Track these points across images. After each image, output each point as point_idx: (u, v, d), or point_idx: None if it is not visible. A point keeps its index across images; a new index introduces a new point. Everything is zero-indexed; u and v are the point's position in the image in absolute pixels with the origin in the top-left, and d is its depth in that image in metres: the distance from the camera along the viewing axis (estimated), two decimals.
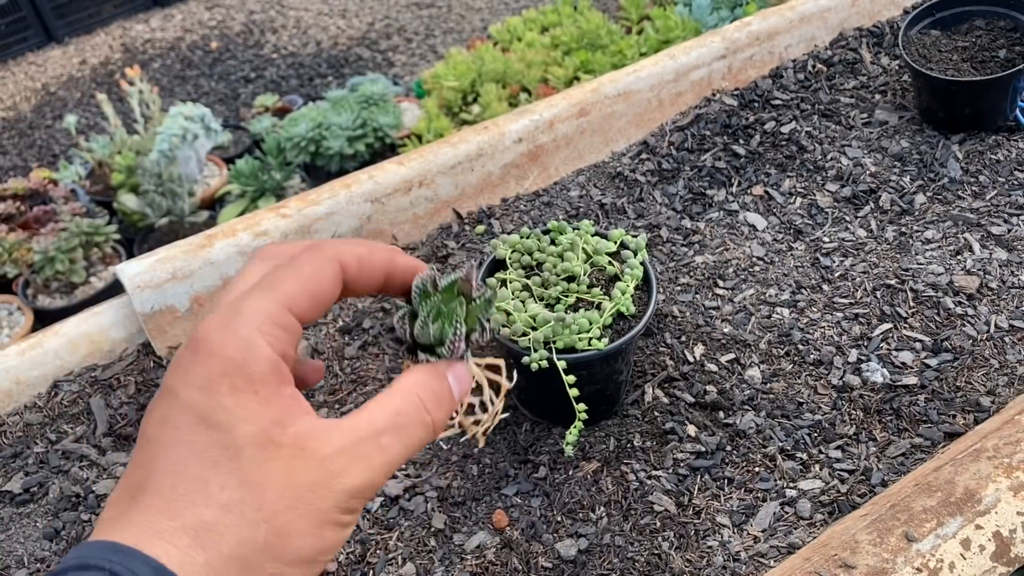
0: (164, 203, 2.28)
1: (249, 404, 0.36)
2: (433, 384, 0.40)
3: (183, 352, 0.37)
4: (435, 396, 0.40)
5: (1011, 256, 0.94)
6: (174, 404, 0.36)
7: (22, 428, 0.87)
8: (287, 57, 3.73)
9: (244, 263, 0.95)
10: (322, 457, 0.36)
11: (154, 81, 3.61)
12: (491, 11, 3.97)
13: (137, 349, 0.94)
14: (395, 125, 2.54)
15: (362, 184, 1.01)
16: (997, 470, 0.65)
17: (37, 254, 2.07)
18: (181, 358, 0.37)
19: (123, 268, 0.92)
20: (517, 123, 1.09)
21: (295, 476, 0.36)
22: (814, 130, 1.15)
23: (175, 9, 4.22)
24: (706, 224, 1.04)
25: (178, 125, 2.30)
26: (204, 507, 0.35)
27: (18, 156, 3.28)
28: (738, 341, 0.87)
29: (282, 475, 0.36)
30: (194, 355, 0.37)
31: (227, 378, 0.36)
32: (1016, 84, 1.06)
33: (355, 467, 0.37)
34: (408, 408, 0.39)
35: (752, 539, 0.70)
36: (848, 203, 1.05)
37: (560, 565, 0.70)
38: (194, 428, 0.36)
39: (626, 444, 0.79)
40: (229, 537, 0.34)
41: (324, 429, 0.37)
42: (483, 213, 1.06)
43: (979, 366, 0.82)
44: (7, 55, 3.89)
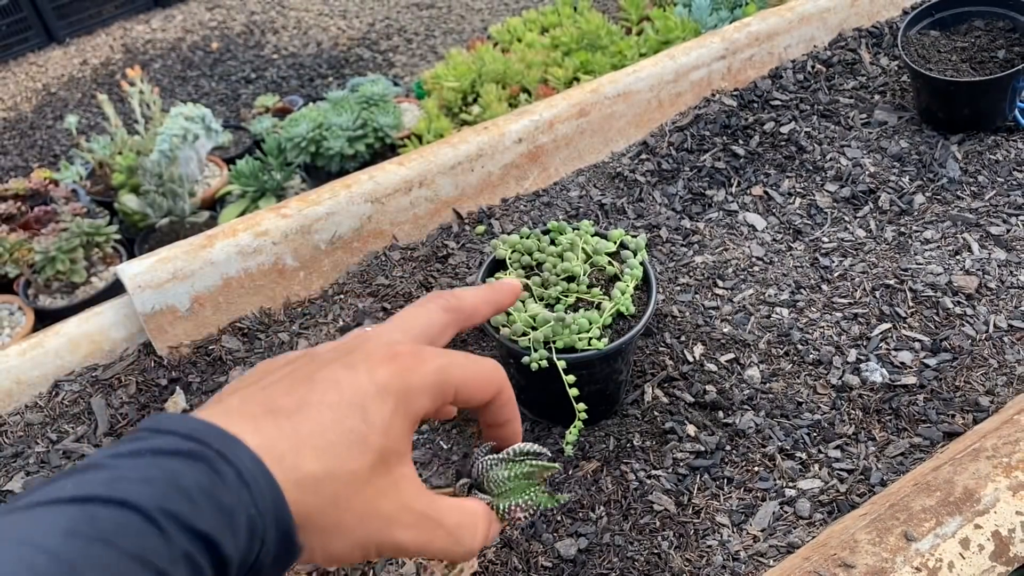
0: (165, 203, 2.28)
1: (396, 423, 0.42)
2: (487, 526, 0.47)
3: (376, 344, 0.45)
4: (482, 535, 0.47)
5: (1010, 256, 0.94)
6: (345, 373, 0.43)
7: (23, 428, 0.88)
8: (288, 58, 3.73)
9: (252, 263, 0.95)
10: (400, 504, 0.42)
11: (155, 81, 3.61)
12: (491, 12, 3.97)
13: (138, 349, 0.94)
14: (395, 125, 2.54)
15: (362, 184, 1.01)
16: (996, 470, 0.65)
17: (38, 254, 2.07)
18: (372, 349, 0.44)
19: (124, 268, 0.92)
20: (517, 123, 1.09)
21: (376, 493, 0.41)
22: (813, 130, 1.15)
23: (176, 10, 4.23)
24: (705, 224, 1.04)
25: (179, 125, 2.30)
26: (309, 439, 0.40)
27: (19, 156, 3.28)
28: (737, 341, 0.88)
29: (373, 482, 0.41)
30: (392, 357, 0.44)
31: (400, 394, 0.43)
32: (1015, 84, 1.06)
33: (410, 531, 0.43)
34: (465, 529, 0.46)
35: (751, 538, 0.71)
36: (847, 203, 1.05)
37: (560, 564, 0.70)
38: (346, 395, 0.41)
39: (626, 444, 0.79)
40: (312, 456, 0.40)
41: (418, 487, 0.44)
42: (483, 213, 1.06)
43: (978, 366, 0.83)
44: (8, 55, 3.89)
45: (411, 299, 0.97)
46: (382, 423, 0.41)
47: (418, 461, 0.80)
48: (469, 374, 0.46)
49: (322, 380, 0.42)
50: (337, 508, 0.40)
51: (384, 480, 0.42)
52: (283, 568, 0.39)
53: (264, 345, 0.93)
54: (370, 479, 0.41)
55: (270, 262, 0.97)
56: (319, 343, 0.93)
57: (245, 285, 0.96)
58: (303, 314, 0.97)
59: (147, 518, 0.34)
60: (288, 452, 0.39)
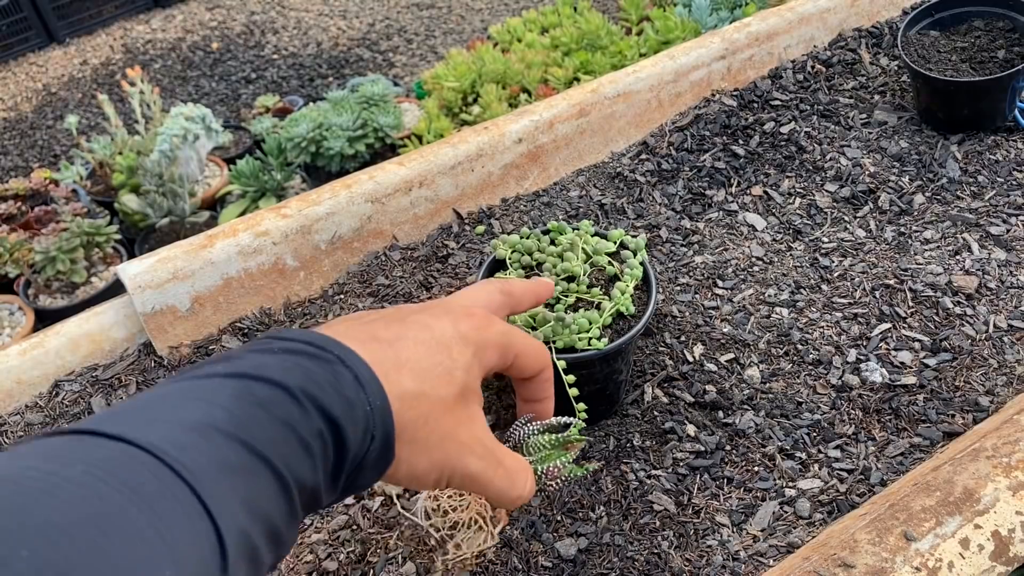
0: (165, 203, 2.28)
1: (474, 366, 0.50)
2: (531, 481, 0.54)
3: (462, 306, 0.53)
4: (530, 487, 0.53)
5: (1010, 256, 0.94)
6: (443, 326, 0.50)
7: (23, 428, 0.88)
8: (288, 58, 3.74)
9: (253, 263, 0.95)
10: (474, 435, 0.49)
11: (155, 82, 3.62)
12: (491, 12, 3.98)
13: (138, 349, 0.94)
14: (395, 126, 2.54)
15: (362, 184, 1.01)
16: (996, 469, 0.65)
17: (38, 254, 2.07)
18: (457, 308, 0.52)
19: (124, 268, 0.92)
20: (517, 123, 1.09)
21: (456, 422, 0.48)
22: (813, 130, 1.15)
23: (176, 10, 4.23)
24: (705, 224, 1.04)
25: (179, 125, 2.30)
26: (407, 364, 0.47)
27: (19, 156, 3.28)
28: (737, 341, 0.88)
29: (455, 411, 0.48)
30: (470, 315, 0.51)
31: (477, 344, 0.50)
32: (1015, 84, 1.06)
33: (480, 462, 0.49)
34: (519, 474, 0.52)
35: (751, 538, 0.71)
36: (847, 203, 1.05)
37: (560, 564, 0.70)
38: (435, 335, 0.49)
39: (625, 443, 0.79)
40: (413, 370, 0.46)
41: (486, 426, 0.52)
42: (483, 213, 1.06)
43: (978, 366, 0.83)
44: (8, 55, 3.90)
45: (411, 299, 0.97)
46: (464, 363, 0.48)
47: None
48: (528, 345, 0.54)
49: (414, 322, 0.48)
50: (427, 425, 0.45)
51: (463, 412, 0.48)
52: (378, 474, 0.45)
53: None
54: (453, 407, 0.47)
55: (270, 262, 0.97)
56: None
57: (245, 285, 0.96)
58: (303, 314, 0.97)
59: (291, 395, 0.40)
60: (391, 370, 0.44)
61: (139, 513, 0.31)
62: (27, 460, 0.33)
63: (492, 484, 0.50)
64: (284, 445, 0.38)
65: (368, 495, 0.78)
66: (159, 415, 0.37)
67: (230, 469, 0.36)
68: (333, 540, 0.74)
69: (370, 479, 0.45)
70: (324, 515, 0.77)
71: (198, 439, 0.36)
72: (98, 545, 0.29)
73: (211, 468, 0.35)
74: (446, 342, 0.48)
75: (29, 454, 0.33)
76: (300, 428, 0.39)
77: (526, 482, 0.53)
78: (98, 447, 0.34)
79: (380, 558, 0.73)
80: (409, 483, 0.48)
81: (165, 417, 0.37)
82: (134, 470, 0.33)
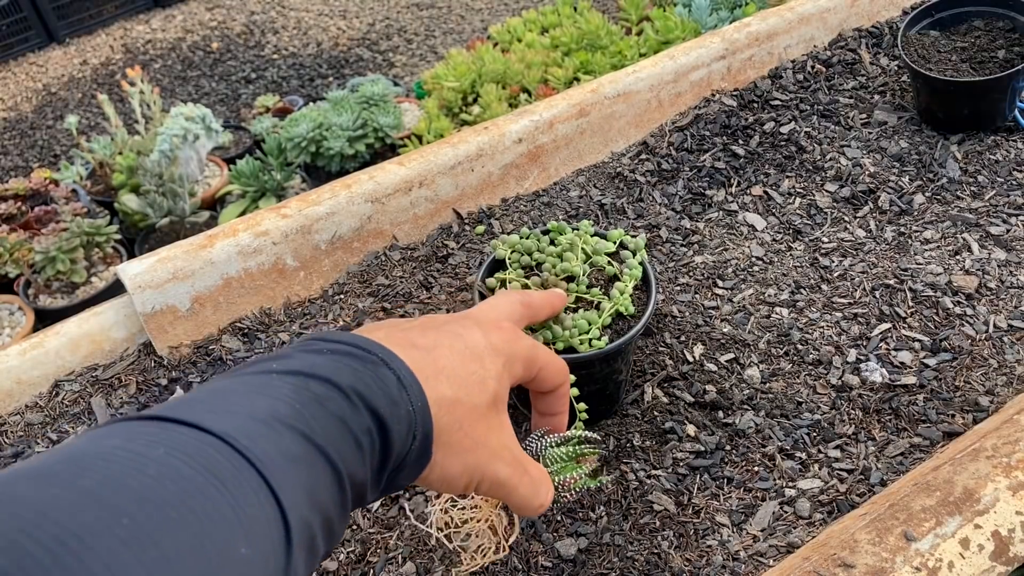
0: (165, 203, 2.28)
1: (504, 376, 0.51)
2: (550, 491, 0.56)
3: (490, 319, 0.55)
4: (549, 496, 0.55)
5: (1010, 256, 0.94)
6: (469, 326, 0.52)
7: (23, 428, 0.88)
8: (288, 58, 3.74)
9: (253, 263, 0.95)
10: (503, 443, 0.51)
11: (155, 82, 3.62)
12: (491, 12, 3.98)
13: (138, 349, 0.94)
14: (395, 126, 2.54)
15: (362, 184, 1.01)
16: (996, 469, 0.65)
17: (38, 254, 2.07)
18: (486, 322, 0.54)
19: (124, 268, 0.92)
20: (517, 123, 1.09)
21: (488, 428, 0.50)
22: (813, 130, 1.15)
23: (176, 10, 4.23)
24: (705, 224, 1.04)
25: (179, 125, 2.30)
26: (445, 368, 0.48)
27: (19, 156, 3.28)
28: (737, 341, 0.88)
29: (487, 417, 0.50)
30: (500, 327, 0.53)
31: (506, 356, 0.52)
32: (1015, 84, 1.06)
33: (507, 468, 0.50)
34: (542, 483, 0.54)
35: (751, 538, 0.71)
36: (847, 203, 1.05)
37: (560, 564, 0.70)
38: (469, 345, 0.51)
39: (626, 443, 0.79)
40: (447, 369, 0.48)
41: (514, 435, 0.53)
42: (483, 213, 1.06)
43: (978, 366, 0.83)
44: (8, 55, 3.90)
45: (411, 299, 0.97)
46: (496, 372, 0.50)
47: None
48: (551, 360, 0.57)
49: (447, 332, 0.50)
50: (461, 430, 0.47)
51: (494, 419, 0.50)
52: (416, 474, 0.46)
53: (264, 345, 0.93)
54: (485, 414, 0.49)
55: (270, 262, 0.97)
56: None
57: (245, 285, 0.96)
58: (303, 314, 0.97)
59: (344, 393, 0.42)
60: (430, 375, 0.46)
61: (218, 493, 0.34)
62: (112, 440, 0.35)
63: (517, 491, 0.52)
64: (340, 440, 0.40)
65: None
66: (229, 406, 0.39)
67: (294, 460, 0.38)
68: None
69: (408, 479, 0.46)
70: None
71: (266, 430, 0.38)
72: (185, 519, 0.32)
73: (278, 457, 0.37)
74: (479, 352, 0.50)
75: (112, 435, 0.36)
76: (352, 424, 0.41)
77: (548, 491, 0.55)
78: (177, 432, 0.36)
79: (380, 558, 0.73)
80: (440, 486, 0.49)
81: (235, 408, 0.38)
82: (211, 455, 0.35)
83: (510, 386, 0.53)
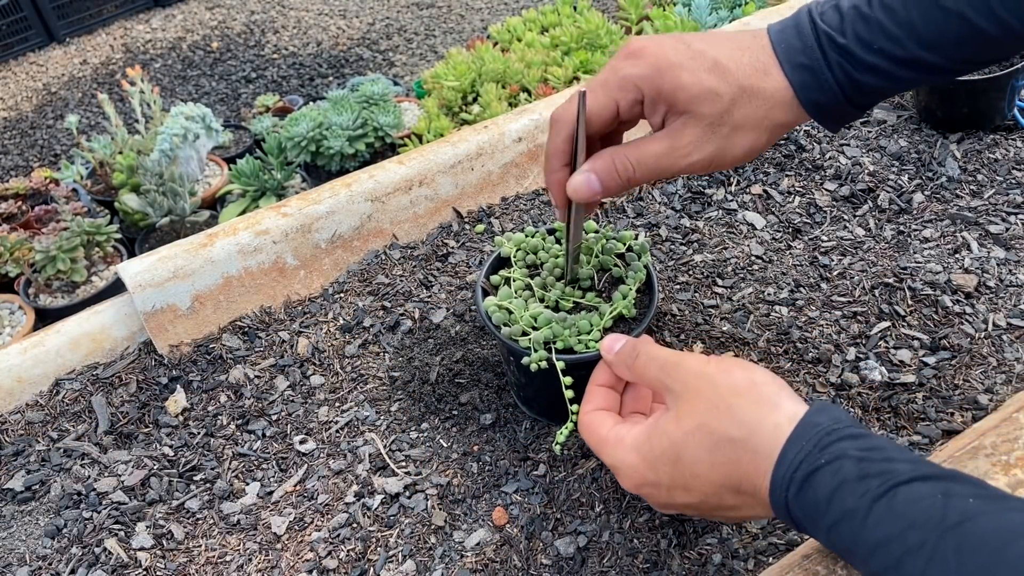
0: (165, 202, 2.28)
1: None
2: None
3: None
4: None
5: (1009, 255, 0.95)
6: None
7: (24, 426, 0.88)
8: (288, 57, 3.74)
9: (253, 261, 0.95)
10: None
11: (155, 81, 3.62)
12: (491, 11, 3.98)
13: (138, 348, 0.94)
14: (395, 125, 2.55)
15: (363, 183, 1.02)
16: (995, 468, 0.65)
17: (39, 253, 2.07)
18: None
19: (124, 267, 0.92)
20: (517, 122, 1.09)
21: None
22: (813, 129, 1.15)
23: (176, 9, 4.23)
24: (705, 223, 1.04)
25: (179, 125, 2.30)
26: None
27: (20, 156, 3.28)
28: (737, 339, 0.88)
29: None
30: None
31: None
32: (1014, 83, 1.07)
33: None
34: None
35: (751, 536, 0.71)
36: (846, 202, 1.05)
37: (559, 562, 0.70)
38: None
39: None
40: None
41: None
42: (483, 212, 1.06)
43: (977, 364, 0.83)
44: (8, 55, 3.90)
45: (411, 298, 0.97)
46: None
47: (418, 460, 0.80)
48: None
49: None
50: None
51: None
52: None
53: (264, 343, 0.94)
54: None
55: (270, 261, 0.97)
56: (319, 341, 0.93)
57: (246, 284, 0.96)
58: (303, 313, 0.97)
59: None
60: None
61: None
62: None
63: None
64: None
65: (368, 493, 0.78)
66: None
67: None
68: (333, 538, 0.75)
69: None
70: (324, 514, 0.77)
71: None
72: None
73: None
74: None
75: None
76: None
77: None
78: None
79: (380, 556, 0.73)
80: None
81: None
82: None
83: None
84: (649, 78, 0.62)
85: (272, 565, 0.73)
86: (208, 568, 0.74)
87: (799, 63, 0.62)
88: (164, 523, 0.78)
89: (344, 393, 0.88)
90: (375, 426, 0.84)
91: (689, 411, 0.55)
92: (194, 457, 0.83)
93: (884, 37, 0.60)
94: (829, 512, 0.47)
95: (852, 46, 0.60)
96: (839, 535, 0.47)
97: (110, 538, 0.77)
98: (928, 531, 0.43)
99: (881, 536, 0.44)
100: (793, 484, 0.49)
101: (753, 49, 0.63)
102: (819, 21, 0.62)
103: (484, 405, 0.84)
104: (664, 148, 0.63)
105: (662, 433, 0.56)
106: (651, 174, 0.64)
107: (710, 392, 0.55)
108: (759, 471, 0.51)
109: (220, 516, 0.78)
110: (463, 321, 0.93)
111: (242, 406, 0.87)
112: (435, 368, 0.87)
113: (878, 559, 0.45)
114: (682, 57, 0.61)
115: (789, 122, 0.63)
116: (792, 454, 0.50)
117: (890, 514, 0.45)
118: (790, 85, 0.62)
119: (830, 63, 0.61)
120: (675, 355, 0.59)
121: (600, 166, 0.64)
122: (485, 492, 0.77)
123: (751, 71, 0.62)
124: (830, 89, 0.62)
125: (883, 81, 0.61)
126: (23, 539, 0.78)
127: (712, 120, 0.62)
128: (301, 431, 0.85)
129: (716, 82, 0.61)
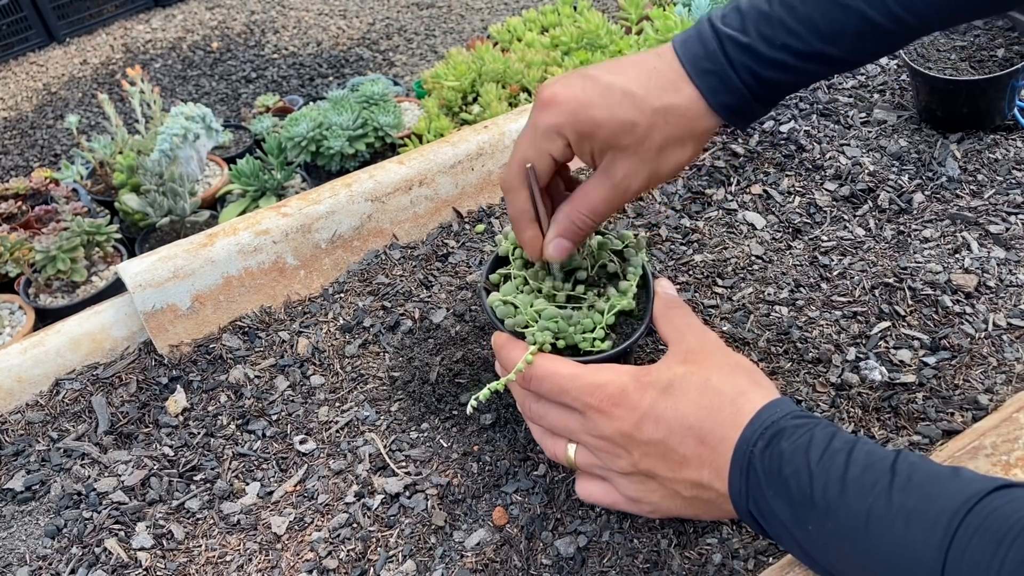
0: (165, 202, 2.28)
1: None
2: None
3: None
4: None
5: (1009, 255, 0.95)
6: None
7: (24, 426, 0.88)
8: (288, 57, 3.74)
9: (253, 261, 0.95)
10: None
11: (155, 81, 3.62)
12: (491, 11, 3.98)
13: (139, 348, 0.94)
14: (395, 125, 2.55)
15: (363, 183, 1.02)
16: (995, 468, 0.65)
17: (39, 253, 2.07)
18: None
19: (124, 267, 0.92)
20: (517, 122, 1.09)
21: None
22: (813, 129, 1.15)
23: (176, 9, 4.23)
24: (705, 223, 1.04)
25: (179, 125, 2.30)
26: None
27: (20, 156, 3.29)
28: (737, 339, 0.88)
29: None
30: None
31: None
32: (1014, 83, 1.07)
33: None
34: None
35: (751, 536, 0.71)
36: (846, 202, 1.05)
37: (559, 562, 0.70)
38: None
39: None
40: None
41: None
42: (483, 212, 1.06)
43: (977, 364, 0.83)
44: (8, 55, 3.90)
45: (411, 298, 0.97)
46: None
47: (418, 459, 0.80)
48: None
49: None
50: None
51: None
52: None
53: (264, 343, 0.94)
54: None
55: (271, 261, 0.97)
56: (319, 341, 0.93)
57: (246, 284, 0.96)
58: (304, 312, 0.97)
59: None
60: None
61: None
62: None
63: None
64: None
65: (368, 493, 0.78)
66: None
67: None
68: (333, 538, 0.75)
69: None
70: (324, 514, 0.77)
71: None
72: None
73: None
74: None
75: None
76: None
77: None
78: None
79: (380, 556, 0.73)
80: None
81: None
82: None
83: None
84: (568, 124, 0.65)
85: (272, 565, 0.73)
86: (208, 568, 0.74)
87: (704, 69, 0.64)
88: (164, 523, 0.78)
89: (344, 393, 0.88)
90: (375, 426, 0.84)
91: (698, 359, 0.63)
92: (194, 457, 0.83)
93: (786, 33, 0.62)
94: (792, 461, 0.53)
95: (756, 44, 0.63)
96: (797, 477, 0.53)
97: (110, 538, 0.77)
98: (879, 472, 0.50)
99: (837, 468, 0.52)
100: (762, 439, 0.56)
101: (659, 69, 0.65)
102: (720, 25, 0.64)
103: (484, 405, 0.84)
104: (607, 190, 0.67)
105: (666, 367, 0.63)
106: (607, 214, 0.69)
107: (721, 356, 0.63)
108: (734, 423, 0.58)
109: (220, 516, 0.78)
110: (463, 321, 0.93)
111: (242, 406, 0.87)
112: (435, 368, 0.87)
113: (832, 488, 0.51)
114: (591, 95, 0.64)
115: (710, 128, 0.66)
116: (767, 414, 0.57)
117: (848, 458, 0.52)
118: (701, 94, 0.64)
119: (734, 64, 0.63)
120: (701, 323, 0.69)
121: (563, 229, 0.70)
122: (485, 492, 0.77)
123: (661, 91, 0.64)
124: (737, 90, 0.64)
125: (788, 75, 0.64)
126: (23, 539, 0.78)
127: (636, 149, 0.65)
128: (301, 431, 0.85)
129: (629, 112, 0.63)
